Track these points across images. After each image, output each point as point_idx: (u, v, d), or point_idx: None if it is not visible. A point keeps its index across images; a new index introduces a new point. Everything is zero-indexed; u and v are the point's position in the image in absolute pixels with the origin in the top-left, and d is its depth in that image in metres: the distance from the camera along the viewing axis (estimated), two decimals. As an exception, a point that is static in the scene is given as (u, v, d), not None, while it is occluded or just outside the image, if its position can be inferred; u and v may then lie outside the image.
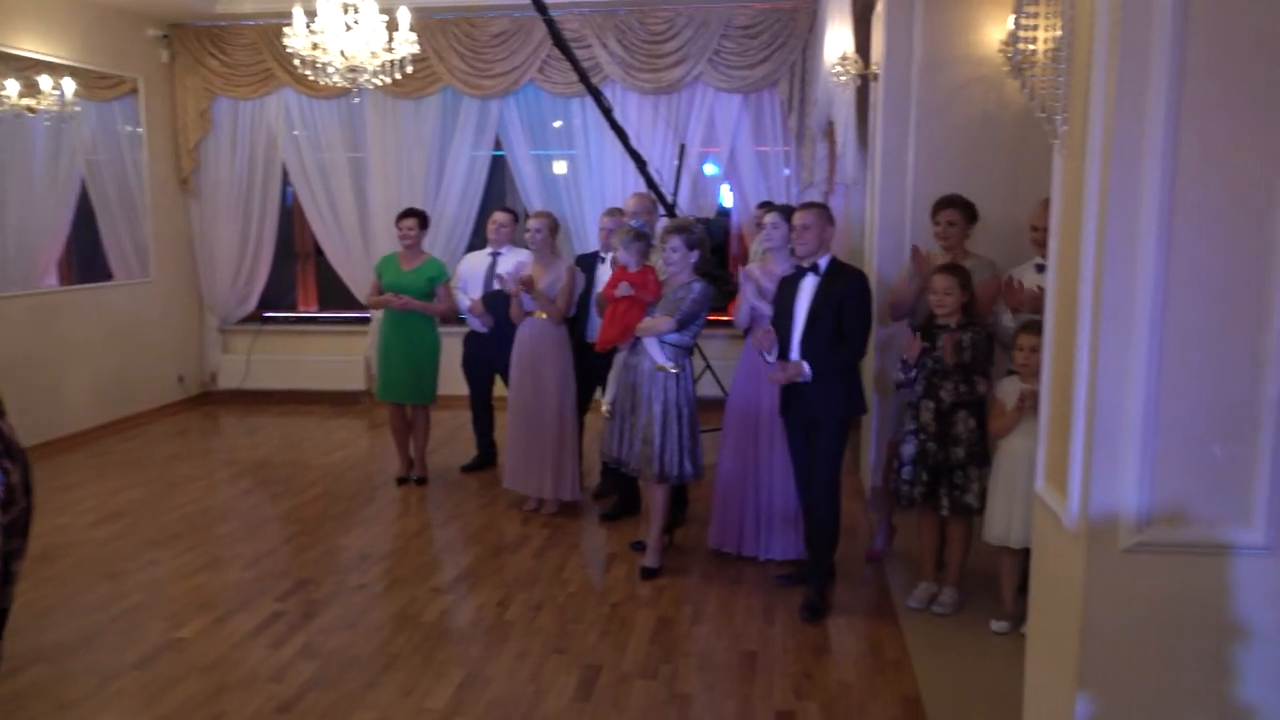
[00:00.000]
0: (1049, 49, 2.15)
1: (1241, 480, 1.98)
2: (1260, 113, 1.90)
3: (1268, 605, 2.02)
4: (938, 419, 4.08)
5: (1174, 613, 2.07)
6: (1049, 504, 2.31)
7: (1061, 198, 2.26)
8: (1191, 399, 1.98)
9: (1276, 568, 2.00)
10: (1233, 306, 1.95)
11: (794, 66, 7.32)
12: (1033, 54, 2.16)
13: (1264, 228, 1.92)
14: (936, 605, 4.19)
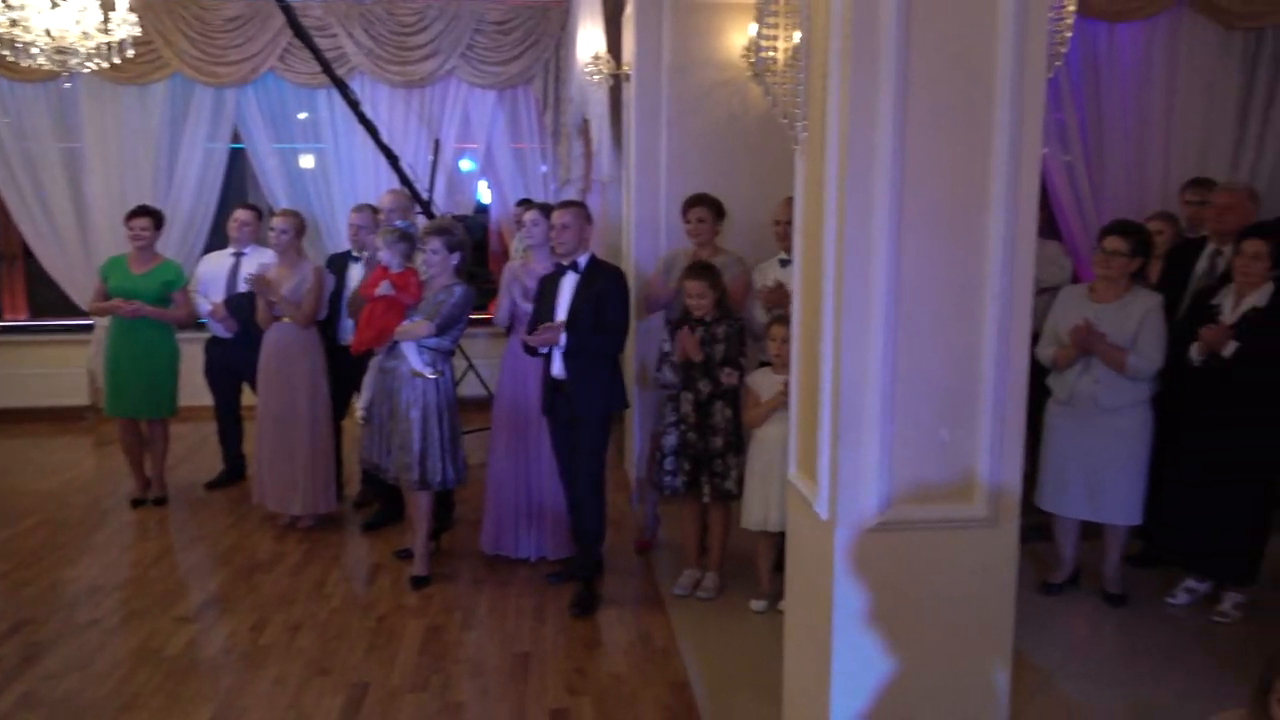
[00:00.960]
0: (789, 57, 2.27)
1: (965, 461, 2.19)
2: (974, 124, 2.10)
3: (986, 571, 2.24)
4: (697, 410, 4.22)
5: (912, 584, 2.26)
6: (800, 490, 2.45)
7: (803, 199, 2.40)
8: (921, 388, 2.17)
9: (994, 538, 2.22)
10: (954, 302, 2.15)
11: (548, 64, 7.35)
12: (773, 61, 2.27)
13: (978, 229, 2.13)
14: (701, 590, 4.34)
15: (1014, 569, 2.30)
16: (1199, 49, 5.45)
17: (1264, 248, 3.87)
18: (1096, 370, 4.09)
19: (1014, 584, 2.32)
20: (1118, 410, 4.11)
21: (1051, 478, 4.30)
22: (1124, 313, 4.08)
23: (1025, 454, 4.67)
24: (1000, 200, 2.09)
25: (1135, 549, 4.60)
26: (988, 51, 2.05)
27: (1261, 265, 3.88)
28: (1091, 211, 5.58)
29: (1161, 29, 5.44)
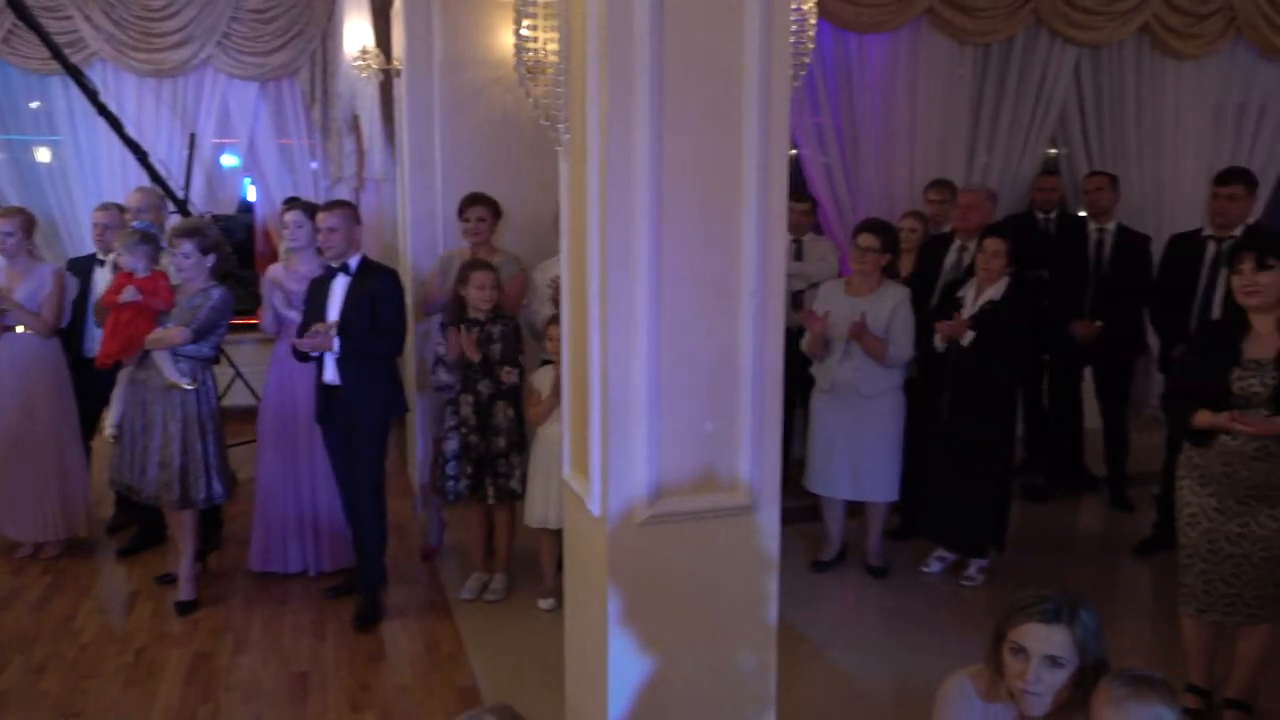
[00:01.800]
0: (551, 60, 2.28)
1: (728, 451, 2.28)
2: (726, 127, 2.18)
3: (750, 556, 2.35)
4: (478, 411, 4.18)
5: (682, 574, 2.33)
6: (574, 488, 2.47)
7: (568, 200, 2.42)
8: (686, 382, 2.24)
9: (757, 524, 2.33)
10: (713, 298, 2.24)
11: (314, 56, 7.01)
12: (537, 64, 2.28)
13: (733, 228, 2.22)
14: (489, 593, 4.30)
15: (776, 551, 2.42)
16: (937, 61, 5.92)
17: (1002, 246, 4.26)
18: (856, 359, 4.37)
19: (776, 566, 2.44)
20: (876, 396, 4.41)
21: (819, 462, 4.56)
22: (877, 305, 4.38)
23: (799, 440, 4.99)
24: (753, 200, 2.19)
25: (895, 524, 4.96)
26: (736, 58, 2.14)
27: (999, 262, 4.27)
28: (849, 210, 5.95)
29: (904, 42, 5.87)
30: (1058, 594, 1.97)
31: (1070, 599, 1.96)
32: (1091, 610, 1.97)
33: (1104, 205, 5.32)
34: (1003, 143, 6.17)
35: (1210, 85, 6.43)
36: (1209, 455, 3.08)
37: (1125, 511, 5.44)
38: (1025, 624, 1.95)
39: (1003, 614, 2.03)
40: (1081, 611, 1.95)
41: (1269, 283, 2.98)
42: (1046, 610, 1.94)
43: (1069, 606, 1.95)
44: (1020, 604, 1.98)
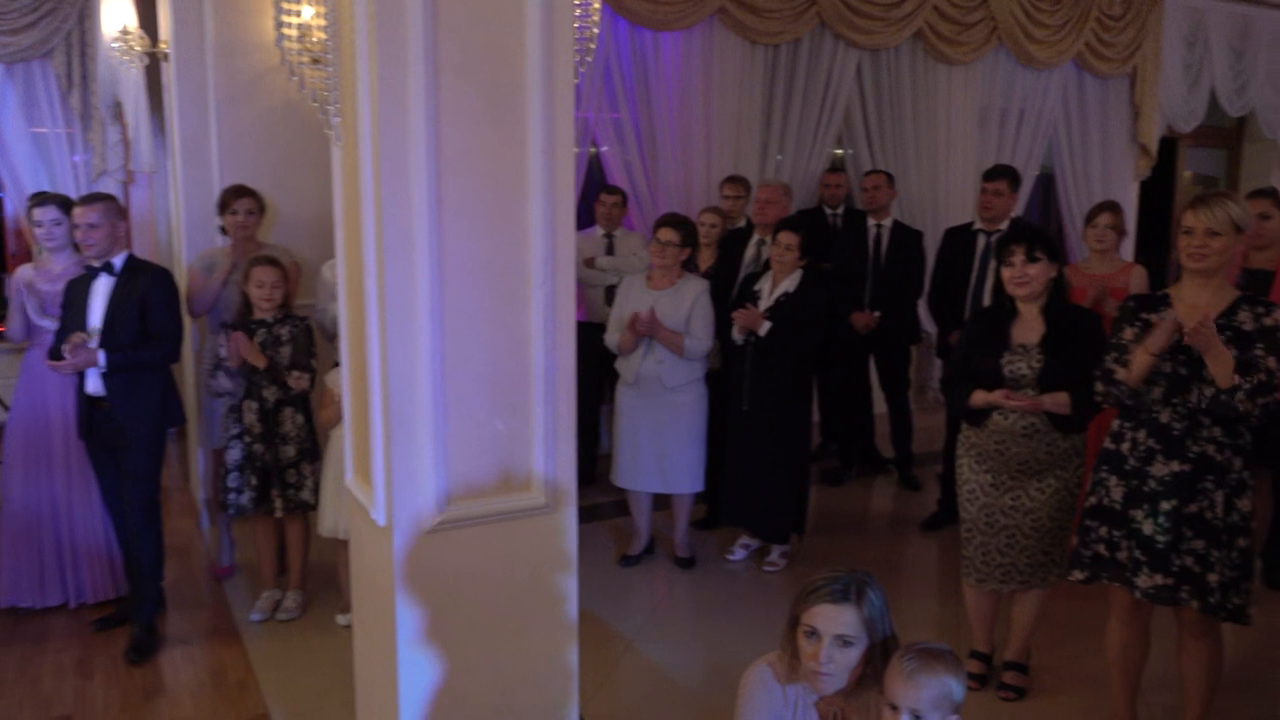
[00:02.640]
0: (319, 37, 2.12)
1: (521, 450, 2.20)
2: (507, 115, 2.10)
3: (548, 557, 2.28)
4: (263, 419, 3.91)
5: (477, 580, 2.23)
6: (358, 496, 2.33)
7: (342, 190, 2.27)
8: (473, 379, 2.14)
9: (554, 524, 2.26)
10: (500, 293, 2.15)
11: (70, 36, 6.38)
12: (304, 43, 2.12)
13: (519, 220, 2.14)
14: (281, 612, 4.04)
15: (574, 550, 2.37)
16: (729, 60, 6.06)
17: (795, 239, 4.38)
18: (659, 352, 4.39)
19: (575, 565, 2.38)
20: (679, 388, 4.45)
21: (625, 456, 4.56)
22: (677, 298, 4.42)
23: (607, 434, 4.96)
24: (538, 191, 2.11)
25: (701, 514, 5.03)
26: (516, 42, 2.06)
27: (792, 255, 4.38)
28: (649, 205, 6.00)
29: (698, 40, 5.97)
30: (845, 574, 2.01)
31: (857, 579, 2.01)
32: (878, 588, 2.03)
33: (881, 202, 5.60)
34: (793, 140, 6.39)
35: (977, 90, 6.90)
36: (984, 435, 3.26)
37: (913, 490, 5.75)
38: (816, 606, 1.98)
39: (795, 598, 2.06)
40: (868, 590, 2.00)
41: (1037, 274, 3.18)
42: (835, 591, 1.98)
43: (856, 586, 1.99)
44: (810, 587, 2.01)
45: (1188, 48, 7.64)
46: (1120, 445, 2.87)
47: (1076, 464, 3.25)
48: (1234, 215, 2.71)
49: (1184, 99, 7.69)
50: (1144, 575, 2.80)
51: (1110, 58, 7.21)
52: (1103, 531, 2.89)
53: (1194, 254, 2.74)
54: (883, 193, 5.61)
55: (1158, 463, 2.78)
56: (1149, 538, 2.78)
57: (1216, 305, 2.75)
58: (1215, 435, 2.73)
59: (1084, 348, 3.10)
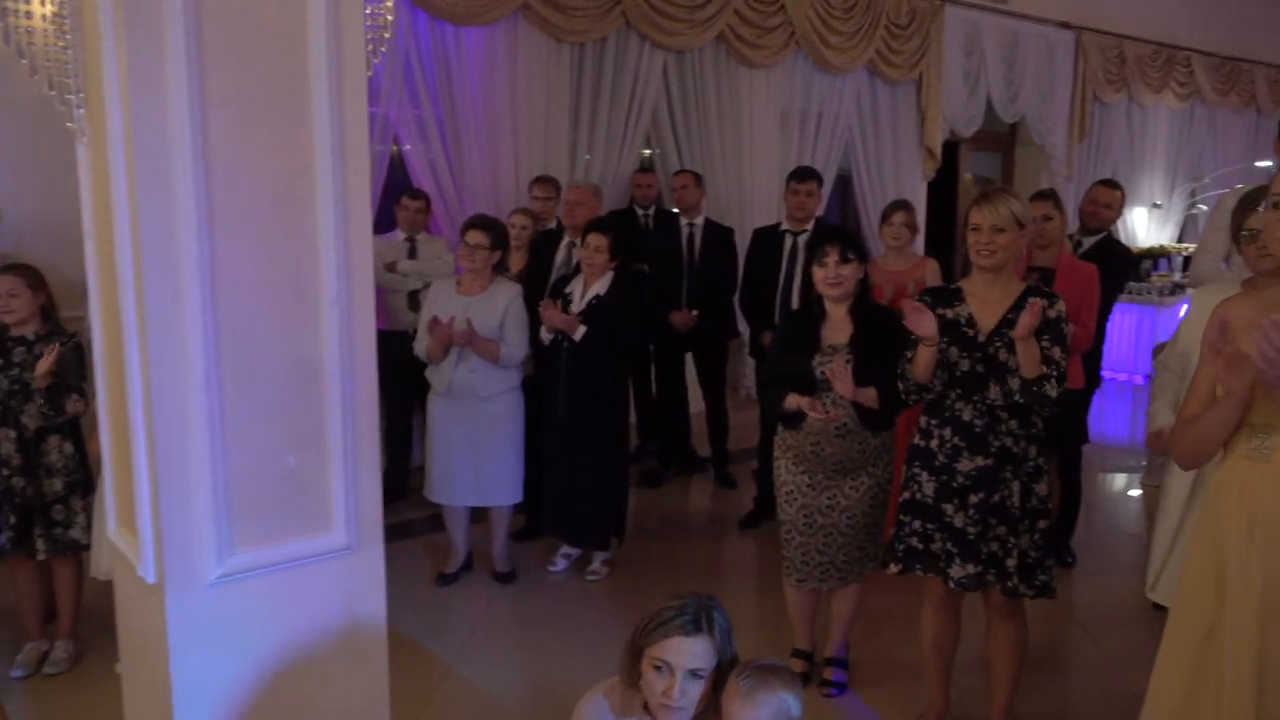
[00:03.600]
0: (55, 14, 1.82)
1: (318, 486, 1.97)
2: (289, 110, 1.87)
3: (353, 600, 2.07)
4: (22, 449, 3.45)
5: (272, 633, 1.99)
6: (122, 549, 2.03)
7: (90, 193, 1.96)
8: (259, 410, 1.89)
9: (360, 563, 2.05)
10: (287, 308, 1.91)
11: None
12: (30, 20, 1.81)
13: (307, 227, 1.91)
14: (49, 665, 3.59)
15: (382, 592, 2.16)
16: (535, 57, 5.91)
17: (604, 241, 4.28)
18: (472, 360, 4.20)
19: (383, 608, 2.18)
20: (494, 397, 4.27)
21: (439, 469, 4.34)
22: (489, 304, 4.24)
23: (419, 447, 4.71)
24: (328, 194, 1.89)
25: (520, 524, 4.87)
26: (297, 28, 1.83)
27: (602, 257, 4.29)
28: (456, 207, 5.77)
29: (501, 36, 5.79)
30: (692, 602, 1.92)
31: (704, 606, 1.93)
32: (722, 610, 1.97)
33: (690, 201, 5.63)
34: (602, 140, 6.31)
35: (778, 92, 7.06)
36: (799, 436, 3.28)
37: (729, 488, 5.81)
38: (667, 639, 1.88)
39: (639, 628, 1.95)
40: (716, 616, 1.93)
41: (849, 274, 3.22)
42: (686, 623, 1.89)
43: (705, 615, 1.91)
44: (659, 619, 1.90)
45: (966, 57, 8.11)
46: (929, 442, 2.94)
47: (887, 460, 3.32)
48: (1016, 211, 2.82)
49: (964, 105, 8.16)
50: (956, 565, 2.87)
51: (898, 65, 7.55)
52: (916, 525, 2.96)
53: (982, 250, 2.83)
54: (691, 192, 5.63)
55: (964, 459, 2.86)
56: (960, 530, 2.86)
57: (1005, 299, 2.86)
58: (1012, 428, 2.84)
59: (890, 346, 3.16)
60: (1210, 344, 2.09)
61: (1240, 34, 10.40)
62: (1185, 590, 2.13)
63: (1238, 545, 1.97)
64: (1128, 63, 9.30)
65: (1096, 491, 6.12)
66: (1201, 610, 2.05)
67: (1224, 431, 2.01)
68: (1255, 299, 2.11)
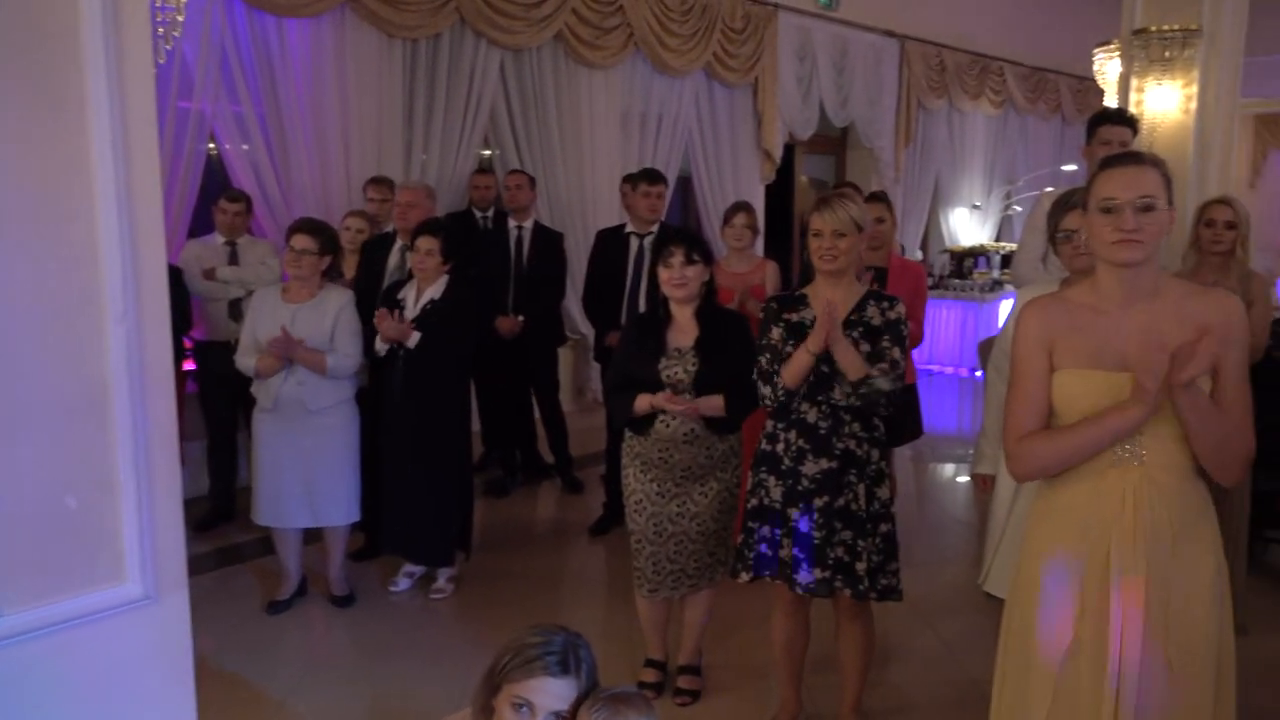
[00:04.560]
0: None
1: (107, 530, 1.74)
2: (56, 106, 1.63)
3: (154, 657, 1.84)
4: None
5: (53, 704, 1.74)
6: None
7: None
8: (31, 446, 1.65)
9: (161, 615, 1.82)
10: (64, 328, 1.68)
11: None
12: None
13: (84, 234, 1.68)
14: None
15: (188, 645, 1.93)
16: (364, 53, 5.65)
17: (434, 243, 4.11)
18: (300, 373, 3.96)
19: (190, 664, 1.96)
20: (325, 411, 4.04)
21: (267, 491, 4.07)
22: (319, 311, 4.02)
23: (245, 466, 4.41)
24: (109, 198, 1.66)
25: (358, 544, 4.63)
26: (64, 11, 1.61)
27: (435, 260, 4.11)
28: (282, 209, 5.45)
29: (328, 29, 5.50)
30: (559, 639, 1.81)
31: (571, 644, 1.82)
32: (586, 645, 1.86)
33: (522, 202, 5.51)
34: (439, 140, 6.11)
35: (618, 94, 7.03)
36: (648, 443, 3.22)
37: (577, 494, 5.72)
38: (531, 679, 1.76)
39: (499, 663, 1.81)
40: (584, 655, 1.83)
41: (695, 276, 3.19)
42: (554, 664, 1.76)
43: (574, 654, 1.81)
44: (524, 656, 1.76)
45: (799, 62, 8.31)
46: (775, 446, 2.93)
47: (735, 465, 3.31)
48: (855, 216, 2.85)
49: (799, 109, 8.36)
50: (803, 571, 2.87)
51: (735, 68, 7.66)
52: (765, 531, 2.94)
53: (825, 256, 2.84)
54: (524, 193, 5.52)
55: (809, 461, 2.86)
56: (806, 534, 2.86)
57: (847, 301, 2.88)
58: (855, 431, 2.86)
59: (735, 349, 3.15)
60: (1032, 354, 2.12)
61: (1046, 47, 11.11)
62: (1040, 607, 2.11)
63: (1120, 552, 1.99)
64: (948, 71, 9.76)
65: (927, 481, 6.38)
66: (1066, 626, 2.06)
67: (1112, 443, 1.99)
68: (1061, 300, 2.16)
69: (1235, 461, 1.99)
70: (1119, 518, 1.99)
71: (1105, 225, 1.99)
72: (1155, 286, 2.04)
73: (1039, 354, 2.12)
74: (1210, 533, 2.04)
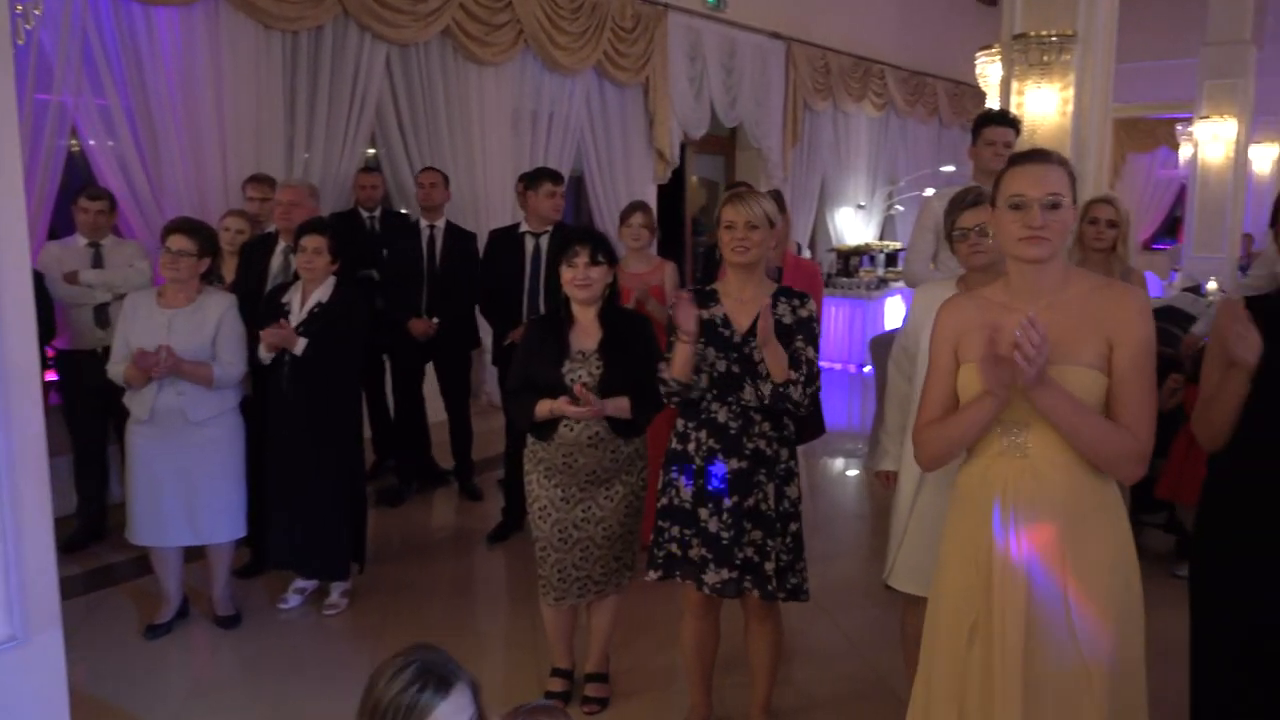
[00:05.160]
0: None
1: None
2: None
3: (29, 698, 1.68)
4: None
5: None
6: None
7: None
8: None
9: (31, 658, 1.65)
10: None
11: None
12: None
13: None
14: None
15: (63, 686, 1.77)
16: (241, 44, 5.38)
17: (321, 242, 3.94)
18: (180, 382, 3.74)
19: (66, 702, 1.80)
20: (206, 422, 3.83)
21: (144, 508, 3.84)
22: (198, 317, 3.81)
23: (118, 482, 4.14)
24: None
25: (242, 560, 4.41)
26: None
27: (322, 260, 3.94)
28: (154, 208, 5.13)
29: (200, 19, 5.21)
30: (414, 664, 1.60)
31: (427, 660, 1.62)
32: (435, 647, 1.66)
33: (436, 201, 5.36)
34: (322, 138, 5.88)
35: (508, 92, 6.90)
36: (551, 448, 3.15)
37: (475, 500, 5.60)
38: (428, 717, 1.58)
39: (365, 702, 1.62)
40: (439, 654, 1.63)
41: (599, 277, 3.13)
42: (432, 693, 1.56)
43: (438, 666, 1.61)
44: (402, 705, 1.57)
45: (689, 62, 8.34)
46: (686, 445, 2.90)
47: (640, 467, 3.26)
48: (767, 210, 2.85)
49: (691, 109, 8.39)
50: (711, 571, 2.85)
51: (626, 67, 7.62)
52: (675, 531, 2.91)
53: (737, 248, 2.82)
54: (439, 191, 5.38)
55: (719, 461, 2.84)
56: (715, 534, 2.84)
57: (759, 298, 2.86)
58: (765, 430, 2.85)
59: (639, 351, 3.11)
60: (942, 350, 2.17)
61: (924, 52, 11.48)
62: (947, 592, 2.18)
63: (1002, 541, 2.03)
64: (832, 73, 9.97)
65: (819, 476, 6.48)
66: (966, 610, 2.10)
67: (979, 432, 2.07)
68: (974, 298, 2.20)
69: (1121, 460, 2.00)
70: (1000, 507, 2.03)
71: (1014, 222, 2.02)
72: (1063, 281, 2.09)
73: (947, 350, 2.17)
74: (1106, 528, 2.05)
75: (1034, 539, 2.00)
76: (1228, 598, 2.28)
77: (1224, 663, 2.30)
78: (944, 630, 2.15)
